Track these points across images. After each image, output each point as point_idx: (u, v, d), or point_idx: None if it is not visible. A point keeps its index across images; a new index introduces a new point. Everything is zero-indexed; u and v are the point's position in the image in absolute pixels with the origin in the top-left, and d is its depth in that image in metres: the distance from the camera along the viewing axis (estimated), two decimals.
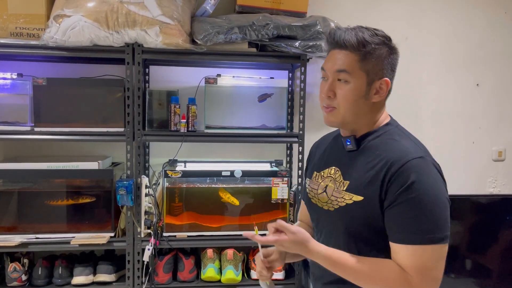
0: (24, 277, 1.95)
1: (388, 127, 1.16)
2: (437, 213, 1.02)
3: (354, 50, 1.09)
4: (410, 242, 1.01)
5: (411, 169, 1.03)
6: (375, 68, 1.10)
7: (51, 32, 1.83)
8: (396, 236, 1.04)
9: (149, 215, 2.00)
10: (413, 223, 1.01)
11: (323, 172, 1.23)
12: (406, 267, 1.02)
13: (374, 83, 1.11)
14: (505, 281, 2.35)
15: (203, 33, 1.92)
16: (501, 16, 2.52)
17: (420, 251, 1.01)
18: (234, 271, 2.02)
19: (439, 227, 1.02)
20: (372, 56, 1.09)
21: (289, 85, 2.28)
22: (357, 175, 1.12)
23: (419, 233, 1.01)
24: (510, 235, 2.34)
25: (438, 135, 2.50)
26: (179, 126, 2.03)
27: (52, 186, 1.99)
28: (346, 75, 1.09)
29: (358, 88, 1.10)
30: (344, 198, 1.12)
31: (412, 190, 1.01)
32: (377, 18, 2.41)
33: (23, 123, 1.96)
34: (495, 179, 2.58)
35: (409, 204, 1.01)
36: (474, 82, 2.53)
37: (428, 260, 1.01)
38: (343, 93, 1.10)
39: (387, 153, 1.08)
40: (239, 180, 2.05)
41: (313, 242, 1.10)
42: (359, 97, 1.11)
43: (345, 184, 1.13)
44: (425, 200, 1.01)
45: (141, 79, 1.98)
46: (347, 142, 1.17)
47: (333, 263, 1.08)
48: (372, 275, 1.05)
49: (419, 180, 1.01)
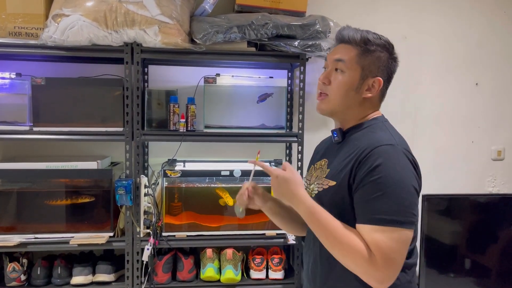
0: (23, 277, 1.95)
1: (373, 122, 1.22)
2: (400, 197, 1.04)
3: (356, 45, 1.18)
4: (370, 222, 1.05)
5: (378, 154, 1.07)
6: (371, 66, 1.18)
7: (49, 32, 1.83)
8: (360, 217, 1.08)
9: (148, 215, 2.00)
10: (375, 203, 1.05)
11: (316, 164, 1.32)
12: (369, 245, 1.04)
13: (367, 79, 1.18)
14: (504, 281, 2.35)
15: (202, 32, 1.92)
16: (500, 16, 2.52)
17: (379, 231, 1.03)
18: (234, 271, 2.02)
19: (400, 211, 1.04)
20: (370, 54, 1.18)
21: (288, 85, 2.28)
22: (336, 163, 1.20)
23: (377, 214, 1.04)
24: (509, 234, 2.34)
25: (437, 135, 2.50)
26: (178, 126, 2.03)
27: (51, 185, 1.98)
28: (342, 65, 1.18)
29: (351, 80, 1.18)
30: (323, 184, 1.20)
31: (376, 172, 1.05)
32: (376, 18, 2.41)
33: (22, 123, 1.96)
34: (494, 178, 2.59)
35: (372, 185, 1.05)
36: (473, 81, 2.53)
37: (389, 241, 1.02)
38: (337, 82, 1.19)
39: (362, 143, 1.14)
40: (239, 179, 2.05)
41: (304, 189, 1.14)
42: (350, 88, 1.18)
43: (326, 172, 1.22)
44: (388, 182, 1.04)
45: (140, 79, 1.98)
46: (334, 134, 1.26)
47: (311, 214, 1.10)
48: (340, 239, 1.06)
49: (384, 163, 1.06)
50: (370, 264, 1.02)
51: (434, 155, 2.49)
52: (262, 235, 2.06)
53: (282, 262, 2.09)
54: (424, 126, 2.48)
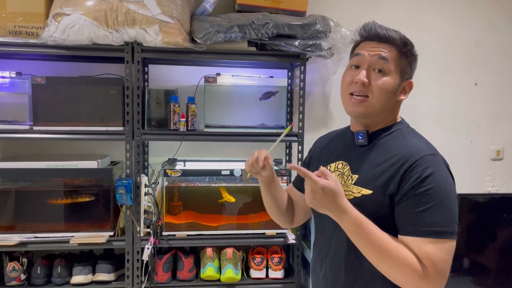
0: (23, 276, 1.95)
1: (400, 125, 1.19)
2: (448, 208, 1.02)
3: (395, 45, 1.12)
4: (421, 235, 1.01)
5: (426, 164, 1.03)
6: (406, 68, 1.14)
7: (50, 31, 1.83)
8: (408, 229, 1.03)
9: (148, 214, 2.00)
10: (426, 215, 1.01)
11: (329, 166, 1.23)
12: (420, 258, 1.01)
13: (403, 82, 1.15)
14: (503, 280, 2.36)
15: (202, 32, 1.92)
16: (500, 16, 2.53)
17: (432, 243, 1.00)
18: (234, 270, 2.02)
19: (449, 222, 1.02)
20: (407, 56, 1.14)
21: (288, 85, 2.28)
22: (366, 169, 1.12)
23: (430, 226, 1.00)
24: (508, 234, 2.35)
25: (436, 135, 2.50)
26: (178, 125, 2.03)
27: (51, 185, 1.98)
28: (386, 65, 1.10)
29: (394, 81, 1.12)
30: (352, 191, 1.12)
31: (426, 183, 1.01)
32: (376, 17, 2.36)
33: (22, 122, 1.95)
34: (493, 178, 2.59)
35: (422, 197, 1.01)
36: (473, 81, 2.53)
37: (439, 254, 1.00)
38: (380, 83, 1.10)
39: (399, 149, 1.09)
40: (239, 179, 2.05)
41: (346, 199, 1.04)
42: (392, 91, 1.12)
43: (353, 178, 1.13)
44: (438, 193, 1.01)
45: (140, 78, 1.97)
46: (359, 136, 1.16)
47: (360, 227, 1.02)
48: (391, 254, 1.01)
49: (434, 174, 1.02)
50: (423, 278, 0.99)
51: None
52: (262, 235, 2.06)
53: (282, 261, 2.09)
54: (423, 126, 2.45)
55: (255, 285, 2.07)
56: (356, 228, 1.02)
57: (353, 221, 1.02)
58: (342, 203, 1.02)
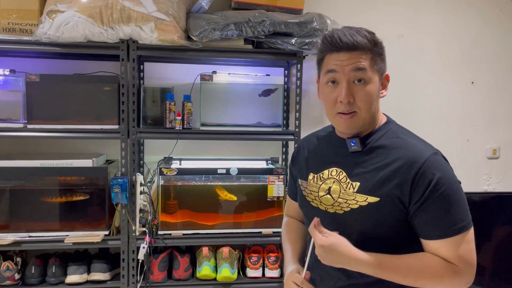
0: (17, 276, 1.93)
1: (389, 125, 1.17)
2: (463, 201, 1.07)
3: (366, 50, 1.07)
4: (448, 235, 1.04)
5: (432, 167, 1.05)
6: (381, 65, 1.12)
7: (44, 28, 1.81)
8: (434, 233, 1.05)
9: (144, 213, 1.98)
10: (448, 217, 1.04)
11: (322, 173, 1.19)
12: (449, 258, 1.04)
13: (382, 80, 1.13)
14: (499, 278, 2.36)
15: (198, 29, 1.91)
16: (496, 15, 2.53)
17: (458, 240, 1.04)
18: (230, 269, 2.01)
19: (466, 214, 1.06)
20: (378, 53, 1.10)
21: (285, 83, 2.27)
22: (368, 175, 1.10)
23: (454, 225, 1.04)
24: (503, 233, 2.36)
25: (433, 133, 2.49)
26: (174, 124, 2.01)
27: (46, 183, 1.96)
28: (364, 74, 1.06)
29: (375, 87, 1.09)
30: (357, 200, 1.09)
31: (439, 187, 1.04)
32: (373, 16, 2.40)
33: (16, 120, 1.94)
34: (490, 177, 2.60)
35: (440, 200, 1.04)
36: (469, 80, 2.53)
37: (466, 246, 1.04)
38: (363, 95, 1.07)
39: (400, 152, 1.09)
40: (235, 177, 2.04)
41: (353, 247, 1.05)
42: (376, 96, 1.11)
43: (354, 186, 1.11)
44: (452, 192, 1.05)
45: (135, 76, 1.96)
46: (352, 143, 1.13)
47: (378, 266, 1.04)
48: (421, 271, 1.05)
49: (442, 175, 1.05)
50: (458, 276, 1.04)
51: None
52: (259, 233, 2.06)
53: (278, 260, 2.09)
54: (419, 125, 2.46)
55: (252, 284, 2.06)
56: (379, 269, 1.05)
57: (373, 266, 1.04)
58: (351, 253, 1.04)
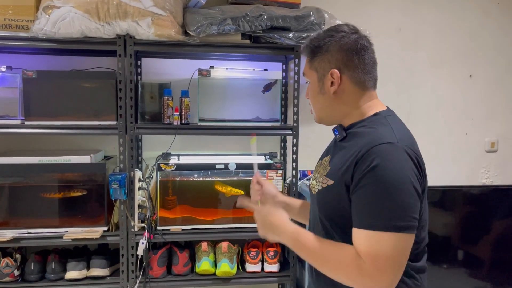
0: (17, 272, 1.93)
1: (375, 117, 1.15)
2: (397, 200, 0.97)
3: (307, 54, 1.22)
4: (366, 227, 0.99)
5: (376, 153, 1.00)
6: (321, 64, 1.16)
7: (40, 24, 1.80)
8: (356, 220, 1.02)
9: (142, 209, 1.99)
10: (371, 208, 0.99)
11: (323, 160, 1.26)
12: (360, 252, 0.99)
13: (325, 77, 1.17)
14: (497, 271, 2.37)
15: (195, 24, 1.90)
16: (494, 8, 2.52)
17: (376, 237, 0.97)
18: (229, 264, 2.01)
19: (398, 215, 0.97)
20: (317, 54, 1.18)
21: (282, 77, 2.26)
22: (337, 161, 1.14)
23: (376, 219, 0.98)
24: (502, 226, 2.37)
25: (431, 127, 2.50)
26: (172, 119, 2.01)
27: (44, 180, 1.96)
28: (308, 78, 1.22)
29: (313, 86, 1.20)
30: (322, 182, 1.16)
31: (373, 174, 0.99)
32: (371, 10, 2.40)
33: (13, 117, 1.93)
34: (488, 170, 2.60)
35: (369, 189, 0.99)
36: (467, 73, 2.53)
37: (383, 247, 0.97)
38: (309, 93, 1.24)
39: (361, 140, 1.09)
40: (233, 172, 2.04)
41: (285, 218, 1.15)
42: (316, 93, 1.20)
43: (327, 170, 1.17)
44: (385, 185, 0.98)
45: (133, 72, 1.95)
46: (335, 132, 1.23)
47: (295, 241, 1.10)
48: (327, 258, 1.05)
49: (381, 164, 0.99)
50: (363, 275, 0.98)
51: (428, 147, 2.48)
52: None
53: (277, 255, 2.09)
54: (418, 118, 2.48)
55: (251, 279, 2.07)
56: (295, 242, 1.10)
57: (291, 235, 1.10)
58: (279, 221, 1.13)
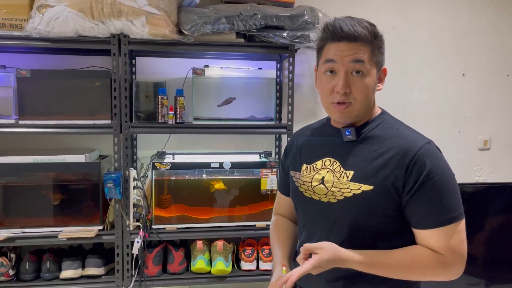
0: (12, 271, 1.93)
1: (384, 116, 1.19)
2: (454, 191, 1.07)
3: (366, 42, 1.08)
4: (439, 225, 1.05)
5: (425, 156, 1.06)
6: (380, 59, 1.13)
7: (34, 23, 1.79)
8: (425, 222, 1.07)
9: (137, 208, 1.99)
10: (439, 206, 1.05)
11: (315, 163, 1.20)
12: (439, 248, 1.06)
13: (379, 73, 1.14)
14: (490, 268, 2.39)
15: (190, 23, 1.90)
16: (487, 6, 2.54)
17: (449, 230, 1.05)
18: (224, 262, 2.02)
19: (458, 204, 1.07)
20: (378, 46, 1.11)
21: (277, 76, 2.27)
22: (362, 164, 1.11)
23: (445, 214, 1.05)
24: (495, 223, 2.38)
25: (424, 125, 2.50)
26: (167, 118, 2.01)
27: (39, 179, 1.96)
28: (363, 67, 1.07)
29: (373, 80, 1.11)
30: (350, 188, 1.10)
31: (431, 176, 1.05)
32: (365, 8, 2.40)
33: (7, 116, 1.93)
34: (481, 168, 2.62)
35: (432, 190, 1.05)
36: (460, 72, 2.55)
37: (456, 237, 1.06)
38: (360, 87, 1.08)
39: (394, 141, 1.11)
40: (228, 171, 2.05)
41: (342, 249, 1.08)
42: (372, 89, 1.12)
43: (348, 174, 1.12)
44: (444, 182, 1.06)
45: (127, 71, 1.95)
46: (347, 132, 1.15)
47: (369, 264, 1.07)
48: (411, 265, 1.07)
49: (434, 164, 1.06)
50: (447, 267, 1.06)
51: None
52: (253, 227, 2.07)
53: None
54: (411, 116, 2.48)
55: (246, 277, 2.07)
56: (370, 267, 1.07)
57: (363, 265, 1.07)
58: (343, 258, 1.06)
